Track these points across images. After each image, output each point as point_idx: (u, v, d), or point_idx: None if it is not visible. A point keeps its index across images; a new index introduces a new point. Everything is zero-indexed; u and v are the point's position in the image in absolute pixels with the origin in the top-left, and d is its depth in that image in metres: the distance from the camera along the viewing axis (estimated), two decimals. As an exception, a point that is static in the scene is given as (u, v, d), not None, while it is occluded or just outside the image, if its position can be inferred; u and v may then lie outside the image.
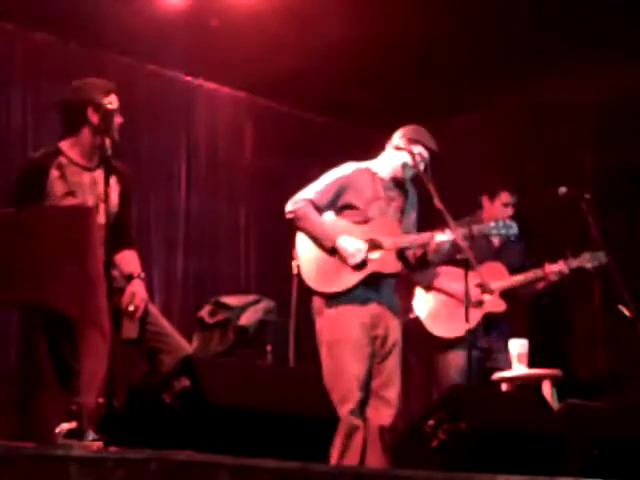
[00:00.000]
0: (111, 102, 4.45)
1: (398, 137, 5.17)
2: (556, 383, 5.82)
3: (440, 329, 5.88)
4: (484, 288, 5.75)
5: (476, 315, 5.80)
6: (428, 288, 5.95)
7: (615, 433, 4.31)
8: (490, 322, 5.94)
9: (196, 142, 7.72)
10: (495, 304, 5.91)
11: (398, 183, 5.17)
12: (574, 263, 5.92)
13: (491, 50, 6.96)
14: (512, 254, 6.15)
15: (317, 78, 7.31)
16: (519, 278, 6.00)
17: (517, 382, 5.77)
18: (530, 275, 5.99)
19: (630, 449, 4.30)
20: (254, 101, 8.03)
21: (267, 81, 7.41)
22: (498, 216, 6.05)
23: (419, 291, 5.99)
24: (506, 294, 5.96)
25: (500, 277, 5.97)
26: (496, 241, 6.18)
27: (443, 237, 4.99)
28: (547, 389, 5.74)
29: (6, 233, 3.72)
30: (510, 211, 6.14)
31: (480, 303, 5.83)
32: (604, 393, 6.91)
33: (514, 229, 5.24)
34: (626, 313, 5.54)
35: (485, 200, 6.20)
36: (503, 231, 5.20)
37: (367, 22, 6.66)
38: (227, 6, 6.51)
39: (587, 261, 5.89)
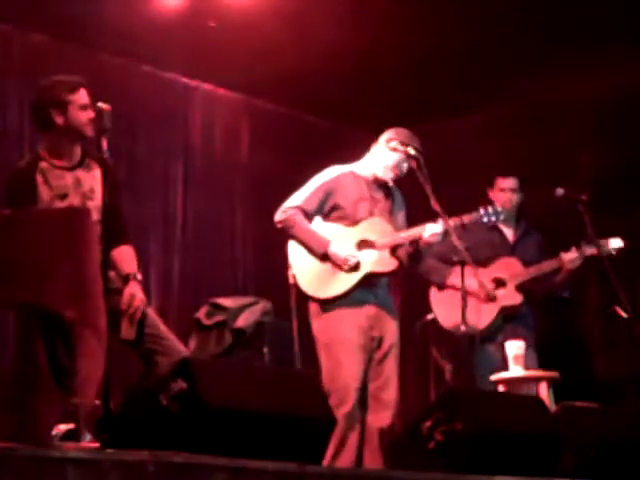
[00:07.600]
0: (78, 99, 4.33)
1: (389, 139, 5.15)
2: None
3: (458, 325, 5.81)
4: (498, 282, 5.77)
5: (492, 310, 5.81)
6: (442, 287, 5.92)
7: (612, 435, 4.31)
8: (511, 318, 5.91)
9: (193, 143, 7.71)
10: (511, 297, 5.89)
11: (382, 183, 5.18)
12: (589, 250, 5.83)
13: (490, 50, 6.95)
14: (528, 249, 6.11)
15: (314, 80, 7.30)
16: (534, 269, 5.93)
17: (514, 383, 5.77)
18: (545, 266, 5.93)
19: (627, 451, 4.30)
20: (251, 102, 8.02)
21: (264, 82, 7.40)
22: (500, 202, 6.07)
23: (434, 290, 5.98)
24: (525, 291, 5.92)
25: (516, 272, 5.94)
26: (510, 237, 6.17)
27: (434, 228, 4.98)
28: (544, 391, 5.74)
29: (3, 234, 3.72)
30: (509, 195, 6.12)
31: (493, 298, 5.79)
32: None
33: (501, 215, 5.29)
34: (622, 314, 5.54)
35: (490, 193, 6.20)
36: (493, 218, 5.24)
37: (365, 23, 6.65)
38: (224, 7, 6.51)
39: (602, 247, 5.78)
